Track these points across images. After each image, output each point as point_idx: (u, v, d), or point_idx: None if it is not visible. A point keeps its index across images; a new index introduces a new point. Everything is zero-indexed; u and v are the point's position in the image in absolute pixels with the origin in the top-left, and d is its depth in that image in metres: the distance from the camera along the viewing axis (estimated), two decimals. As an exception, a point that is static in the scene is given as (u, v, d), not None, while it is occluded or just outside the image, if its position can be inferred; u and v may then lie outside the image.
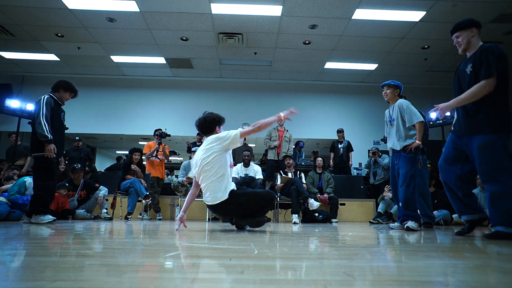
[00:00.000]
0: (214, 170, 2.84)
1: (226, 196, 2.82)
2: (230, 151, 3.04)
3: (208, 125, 3.07)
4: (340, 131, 7.63)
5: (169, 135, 6.31)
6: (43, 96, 3.73)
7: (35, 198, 3.65)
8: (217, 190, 2.83)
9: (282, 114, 2.98)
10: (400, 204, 3.47)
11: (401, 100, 3.66)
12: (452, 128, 2.85)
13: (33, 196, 3.69)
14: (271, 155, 6.61)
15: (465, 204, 2.74)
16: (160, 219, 5.71)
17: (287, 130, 6.81)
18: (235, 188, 2.97)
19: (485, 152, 2.50)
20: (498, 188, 2.45)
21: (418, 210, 3.64)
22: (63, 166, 5.79)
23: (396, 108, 3.64)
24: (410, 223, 3.31)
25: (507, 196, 2.42)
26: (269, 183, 6.13)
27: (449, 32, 2.83)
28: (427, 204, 4.12)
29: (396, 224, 3.73)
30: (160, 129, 6.28)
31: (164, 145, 6.35)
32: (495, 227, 2.45)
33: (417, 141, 3.44)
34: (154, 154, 6.10)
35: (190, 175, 3.02)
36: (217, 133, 3.04)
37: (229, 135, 2.90)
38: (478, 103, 2.56)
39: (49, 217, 3.60)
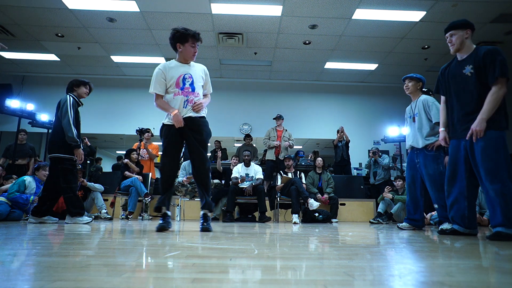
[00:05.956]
0: None
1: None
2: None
3: (170, 42, 3.08)
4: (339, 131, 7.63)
5: (146, 131, 6.26)
6: (68, 97, 3.65)
7: (69, 201, 3.68)
8: None
9: None
10: (436, 206, 3.29)
11: (425, 96, 3.53)
12: (448, 136, 2.84)
13: (66, 199, 3.70)
14: (270, 156, 6.60)
15: (463, 215, 2.70)
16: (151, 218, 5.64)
17: (286, 130, 6.80)
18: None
19: (487, 148, 2.49)
20: (498, 187, 2.44)
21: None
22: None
23: (420, 104, 3.50)
24: (446, 225, 3.06)
25: (506, 196, 2.41)
26: (267, 183, 6.13)
27: (443, 31, 2.83)
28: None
29: (404, 224, 3.60)
30: (148, 129, 6.33)
31: (145, 143, 6.26)
32: (496, 228, 2.45)
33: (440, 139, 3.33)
34: (138, 152, 6.12)
35: None
36: (179, 50, 3.04)
37: None
38: (477, 105, 2.56)
39: (87, 218, 3.75)
